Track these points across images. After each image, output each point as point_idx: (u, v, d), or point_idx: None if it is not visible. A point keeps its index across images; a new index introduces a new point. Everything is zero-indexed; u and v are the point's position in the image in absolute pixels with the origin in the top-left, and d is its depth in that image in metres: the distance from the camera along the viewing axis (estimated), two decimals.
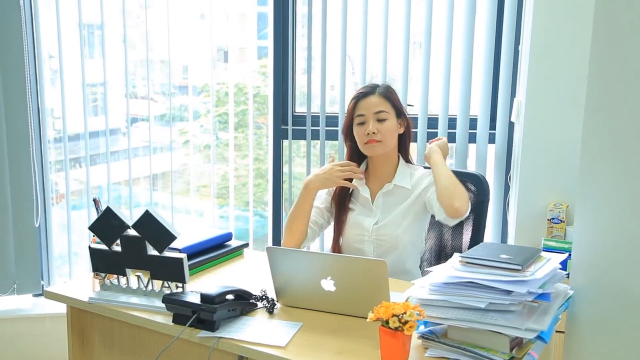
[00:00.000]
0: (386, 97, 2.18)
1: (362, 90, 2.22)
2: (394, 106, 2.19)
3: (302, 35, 3.20)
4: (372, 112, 2.16)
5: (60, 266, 3.42)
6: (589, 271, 1.63)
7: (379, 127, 2.15)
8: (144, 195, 3.51)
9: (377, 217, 2.21)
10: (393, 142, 2.20)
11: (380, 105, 2.17)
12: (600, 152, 1.56)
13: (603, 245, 1.57)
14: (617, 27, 1.49)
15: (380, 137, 2.16)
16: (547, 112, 2.71)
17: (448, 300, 1.55)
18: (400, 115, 2.21)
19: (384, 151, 2.19)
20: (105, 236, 1.86)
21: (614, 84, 1.50)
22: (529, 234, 2.77)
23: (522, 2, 2.84)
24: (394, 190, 2.21)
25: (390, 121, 2.17)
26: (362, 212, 2.24)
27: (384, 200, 2.22)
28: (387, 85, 2.24)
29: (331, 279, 1.75)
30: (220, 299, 1.70)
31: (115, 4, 3.23)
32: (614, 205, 1.53)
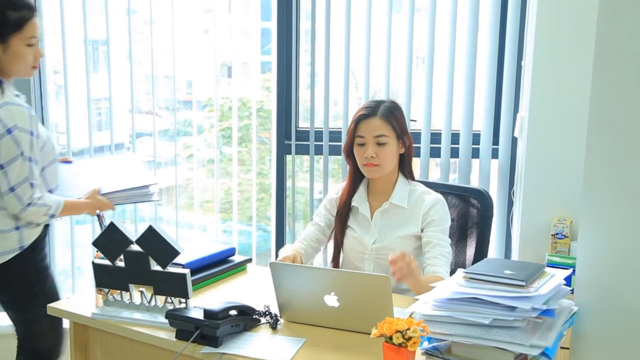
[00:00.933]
0: (387, 120, 2.14)
1: (363, 110, 2.17)
2: (395, 128, 2.15)
3: (305, 50, 3.21)
4: (372, 135, 2.13)
5: (63, 281, 3.42)
6: (593, 287, 1.62)
7: (377, 151, 2.13)
8: (148, 209, 3.52)
9: (375, 235, 2.20)
10: (391, 165, 2.17)
11: (381, 129, 2.13)
12: (604, 167, 1.56)
13: (607, 260, 1.57)
14: (620, 43, 1.49)
15: (378, 162, 2.14)
16: (550, 128, 2.71)
17: (452, 316, 1.54)
18: (402, 135, 2.18)
19: (382, 174, 2.18)
20: (108, 251, 1.86)
21: (617, 99, 1.51)
22: (533, 249, 2.76)
23: (525, 17, 2.85)
24: (391, 208, 2.19)
25: (389, 145, 2.14)
26: (362, 229, 2.23)
27: (382, 219, 2.21)
28: (390, 106, 2.18)
29: (335, 294, 1.74)
30: (223, 314, 1.70)
31: (121, 20, 3.26)
32: (618, 220, 1.53)
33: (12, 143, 2.07)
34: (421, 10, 3.05)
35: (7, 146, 2.08)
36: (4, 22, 2.03)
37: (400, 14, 3.06)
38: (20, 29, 2.05)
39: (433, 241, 2.11)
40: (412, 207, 2.18)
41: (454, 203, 2.36)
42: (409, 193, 2.20)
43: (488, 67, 2.97)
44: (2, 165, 2.08)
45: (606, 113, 1.55)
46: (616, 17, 1.50)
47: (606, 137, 1.55)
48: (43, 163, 2.22)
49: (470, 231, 2.32)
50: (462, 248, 2.33)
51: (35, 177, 2.15)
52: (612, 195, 1.54)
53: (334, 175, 3.33)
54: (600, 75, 1.56)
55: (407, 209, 2.17)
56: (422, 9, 3.04)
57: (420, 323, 1.49)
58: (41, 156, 2.20)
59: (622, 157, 1.50)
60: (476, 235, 2.30)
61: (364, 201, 2.24)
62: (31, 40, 2.08)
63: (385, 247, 2.16)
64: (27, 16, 2.04)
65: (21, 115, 2.10)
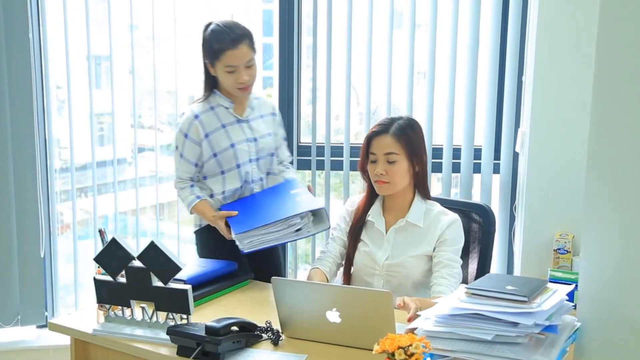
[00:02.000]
0: (399, 138, 2.13)
1: (375, 128, 2.18)
2: (407, 147, 2.14)
3: (307, 65, 3.23)
4: (382, 152, 2.14)
5: (64, 297, 3.41)
6: (596, 302, 1.62)
7: (387, 168, 2.13)
8: (150, 224, 3.52)
9: (388, 252, 2.19)
10: (403, 183, 2.17)
11: (392, 146, 2.13)
12: (605, 182, 1.56)
13: (610, 275, 1.56)
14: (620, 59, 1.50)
15: (387, 179, 2.14)
16: (551, 142, 2.71)
17: (454, 332, 1.53)
18: (416, 154, 2.16)
19: (393, 191, 2.18)
20: (110, 267, 1.86)
21: (618, 115, 1.51)
22: (535, 264, 2.76)
23: (525, 33, 2.87)
24: (407, 226, 2.19)
25: (400, 163, 2.13)
26: (375, 245, 2.22)
27: (396, 236, 2.20)
28: (403, 124, 2.17)
29: (336, 310, 1.74)
30: (224, 330, 1.69)
31: (123, 35, 3.28)
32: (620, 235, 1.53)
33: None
34: (422, 26, 3.07)
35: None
36: (209, 51, 2.41)
37: (401, 30, 3.08)
38: (218, 58, 2.38)
39: (443, 261, 2.11)
40: (428, 227, 2.17)
41: None
42: (425, 212, 2.19)
43: (489, 83, 2.98)
44: (215, 154, 2.46)
45: (607, 128, 1.55)
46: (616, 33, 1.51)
47: (607, 151, 1.55)
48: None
49: (473, 247, 2.32)
50: (465, 264, 2.33)
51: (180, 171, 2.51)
52: (614, 210, 1.54)
53: (336, 190, 3.33)
54: (601, 90, 1.57)
55: (422, 228, 2.17)
56: (423, 25, 3.06)
57: (422, 339, 1.49)
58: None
59: (623, 171, 1.50)
60: (478, 250, 2.30)
61: (379, 216, 2.23)
62: (228, 68, 2.38)
63: (397, 264, 2.16)
64: (225, 48, 2.35)
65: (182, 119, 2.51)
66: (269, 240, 2.21)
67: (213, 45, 2.38)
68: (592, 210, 1.62)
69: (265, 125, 2.55)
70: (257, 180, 2.52)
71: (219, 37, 2.37)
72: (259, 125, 2.53)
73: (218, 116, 2.48)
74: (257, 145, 2.50)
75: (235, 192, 2.50)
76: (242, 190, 2.51)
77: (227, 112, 2.49)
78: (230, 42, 2.35)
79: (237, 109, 2.51)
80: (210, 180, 2.51)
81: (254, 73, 2.44)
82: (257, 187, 2.52)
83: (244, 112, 2.52)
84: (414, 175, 2.19)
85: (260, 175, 2.53)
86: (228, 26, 2.39)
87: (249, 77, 2.41)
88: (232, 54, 2.36)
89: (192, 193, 2.49)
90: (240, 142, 2.47)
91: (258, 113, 2.55)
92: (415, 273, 2.15)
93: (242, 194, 2.51)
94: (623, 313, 1.50)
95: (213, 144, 2.45)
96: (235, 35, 2.36)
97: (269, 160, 2.55)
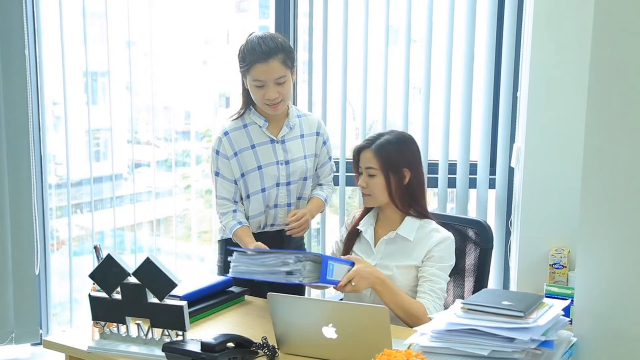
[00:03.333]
0: (377, 153, 2.15)
1: (362, 142, 2.21)
2: (384, 162, 2.14)
3: (303, 81, 3.24)
4: (364, 166, 2.18)
5: (60, 314, 3.40)
6: (592, 317, 1.62)
7: (368, 181, 2.17)
8: (146, 240, 3.51)
9: (375, 261, 2.20)
10: (383, 196, 2.17)
11: (370, 161, 2.16)
12: (600, 197, 1.57)
13: (606, 290, 1.56)
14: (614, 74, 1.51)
15: (368, 192, 2.18)
16: (546, 157, 2.72)
17: (450, 348, 1.53)
18: (397, 169, 2.15)
19: (375, 204, 2.21)
20: (105, 284, 1.86)
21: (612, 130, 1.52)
22: (531, 279, 2.76)
23: (520, 48, 2.89)
24: (396, 239, 2.19)
25: (377, 178, 2.15)
26: (364, 254, 2.24)
27: (386, 247, 2.21)
28: (385, 139, 2.17)
29: (333, 326, 1.73)
30: (220, 347, 1.68)
31: (120, 51, 3.29)
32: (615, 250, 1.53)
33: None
34: (417, 42, 3.09)
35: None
36: (241, 62, 2.31)
37: (397, 45, 3.10)
38: (248, 71, 2.28)
39: (426, 276, 2.11)
40: (418, 242, 2.17)
41: (453, 234, 2.35)
42: (418, 227, 2.19)
43: (484, 98, 3.00)
44: (242, 174, 2.40)
45: (602, 143, 1.56)
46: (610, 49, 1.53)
47: (602, 166, 1.56)
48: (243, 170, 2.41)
49: (469, 263, 2.32)
50: (461, 279, 2.33)
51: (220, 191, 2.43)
52: (609, 225, 1.54)
53: (332, 205, 3.33)
54: (595, 105, 1.58)
55: (412, 242, 2.17)
56: (419, 40, 3.08)
57: (418, 355, 1.48)
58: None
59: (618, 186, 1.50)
60: (476, 266, 2.30)
61: (370, 227, 2.25)
62: (256, 82, 2.28)
63: (387, 272, 2.16)
64: (255, 60, 2.25)
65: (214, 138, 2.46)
66: (257, 272, 2.02)
67: (245, 57, 2.28)
68: (588, 225, 1.62)
69: (304, 146, 2.44)
70: (284, 206, 2.43)
71: (251, 49, 2.27)
72: (295, 146, 2.42)
73: (249, 135, 2.39)
74: (288, 168, 2.40)
75: (259, 216, 2.42)
76: (266, 214, 2.43)
77: (261, 131, 2.39)
78: (261, 54, 2.24)
79: (272, 128, 2.40)
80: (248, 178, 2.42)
81: (285, 91, 2.30)
82: (283, 212, 2.43)
83: (279, 132, 2.40)
84: (398, 189, 2.18)
85: (289, 201, 2.43)
86: (264, 38, 2.28)
87: (278, 95, 2.29)
88: (261, 68, 2.25)
89: (234, 218, 2.39)
90: (268, 165, 2.37)
91: (297, 132, 2.44)
92: (403, 283, 2.15)
93: (267, 219, 2.43)
94: (619, 328, 1.50)
95: (241, 163, 2.38)
96: (267, 49, 2.25)
97: (301, 184, 2.44)
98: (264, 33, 2.32)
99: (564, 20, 2.64)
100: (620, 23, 1.49)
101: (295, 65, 2.37)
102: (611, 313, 1.54)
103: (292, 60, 2.32)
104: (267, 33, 2.32)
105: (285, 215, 2.42)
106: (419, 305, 2.05)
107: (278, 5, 3.17)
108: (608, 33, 1.53)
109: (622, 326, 1.50)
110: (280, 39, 2.30)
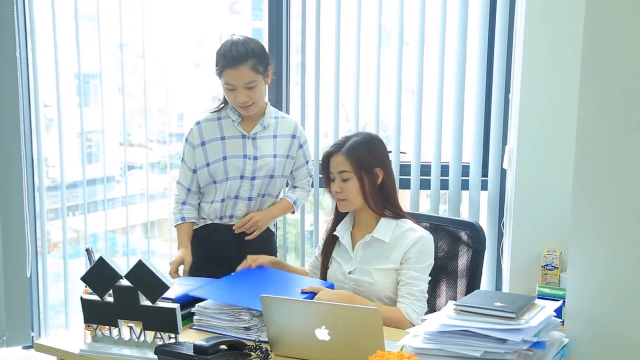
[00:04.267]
0: (349, 156, 2.14)
1: (330, 147, 2.21)
2: (357, 164, 2.14)
3: (296, 82, 3.25)
4: (336, 171, 2.17)
5: (54, 316, 3.38)
6: (583, 318, 1.62)
7: (342, 186, 2.16)
8: (139, 242, 3.51)
9: (354, 265, 2.21)
10: (359, 199, 2.17)
11: (342, 165, 2.15)
12: (592, 198, 1.58)
13: (597, 291, 1.57)
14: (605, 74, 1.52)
15: (343, 196, 2.17)
16: (538, 159, 2.73)
17: (443, 349, 1.53)
18: (369, 169, 2.15)
19: (351, 208, 2.20)
20: (97, 287, 1.85)
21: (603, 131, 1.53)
22: (524, 281, 2.76)
23: (512, 51, 2.90)
24: (372, 242, 2.19)
25: (352, 180, 2.15)
26: (343, 259, 2.25)
27: (364, 251, 2.21)
28: (355, 141, 2.17)
29: (325, 328, 1.74)
30: (213, 349, 1.68)
31: (113, 53, 3.29)
32: (606, 251, 1.54)
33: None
34: (410, 44, 3.10)
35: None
36: (215, 64, 2.40)
37: (389, 47, 3.10)
38: (220, 74, 2.38)
39: (404, 279, 2.12)
40: (394, 243, 2.17)
41: (446, 236, 2.36)
42: (394, 228, 2.19)
43: (476, 100, 3.01)
44: (208, 164, 2.50)
45: (593, 145, 1.57)
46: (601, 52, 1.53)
47: (593, 168, 1.56)
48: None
49: (462, 264, 2.32)
50: (453, 281, 2.33)
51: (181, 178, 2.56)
52: (600, 226, 1.55)
53: (325, 207, 3.34)
54: (587, 107, 1.58)
55: (388, 243, 2.17)
56: (411, 42, 3.09)
57: (411, 356, 1.49)
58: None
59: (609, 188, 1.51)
60: (468, 268, 2.30)
61: (346, 232, 2.25)
62: (227, 86, 2.38)
63: (363, 277, 2.18)
64: (225, 65, 2.35)
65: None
66: (219, 327, 1.95)
67: (218, 61, 2.38)
68: (579, 227, 1.63)
69: (275, 145, 2.52)
70: (245, 199, 2.51)
71: (223, 54, 2.36)
72: (265, 144, 2.50)
73: (221, 127, 2.49)
74: (255, 163, 2.48)
75: (217, 204, 2.50)
76: (225, 204, 2.50)
77: (233, 125, 2.49)
78: (231, 60, 2.34)
79: (245, 124, 2.50)
80: (205, 189, 2.53)
81: (256, 95, 2.40)
82: (243, 205, 2.51)
83: (252, 129, 2.50)
84: (372, 190, 2.17)
85: (251, 195, 2.51)
86: (236, 43, 2.36)
87: (248, 99, 2.38)
88: (231, 73, 2.35)
89: (180, 211, 2.53)
90: (234, 157, 2.47)
91: (271, 132, 2.52)
92: (383, 287, 2.15)
93: (226, 208, 2.51)
94: (611, 328, 1.51)
95: (207, 153, 2.47)
96: (237, 54, 2.33)
97: (267, 181, 2.51)
98: (239, 37, 2.39)
99: (555, 22, 2.65)
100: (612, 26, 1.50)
101: (270, 69, 2.43)
102: (603, 314, 1.55)
103: (265, 65, 2.39)
104: (242, 38, 2.39)
105: (244, 208, 2.52)
106: (395, 311, 2.07)
107: (271, 8, 3.17)
108: (599, 35, 1.54)
109: (613, 327, 1.50)
110: (253, 44, 2.38)
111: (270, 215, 2.57)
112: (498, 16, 2.93)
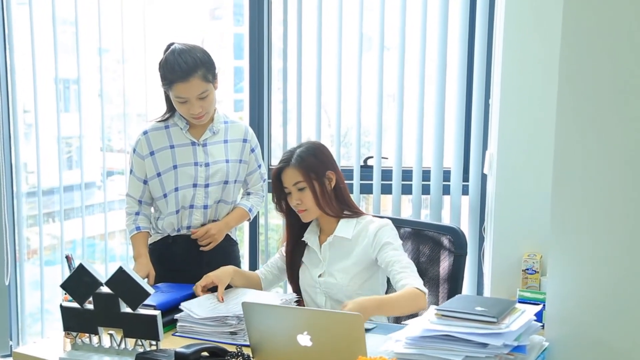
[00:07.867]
0: (299, 166, 2.17)
1: (278, 164, 2.21)
2: (308, 172, 2.17)
3: (277, 88, 3.24)
4: (290, 184, 2.18)
5: (31, 325, 3.34)
6: (564, 322, 1.64)
7: (300, 197, 2.18)
8: (119, 249, 3.48)
9: (323, 268, 2.23)
10: (319, 206, 2.19)
11: (295, 176, 2.17)
12: (570, 203, 1.59)
13: (577, 295, 1.59)
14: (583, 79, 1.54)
15: (304, 207, 2.19)
16: (518, 164, 2.75)
17: (424, 354, 1.54)
18: (321, 175, 2.19)
19: (314, 216, 2.22)
20: (77, 294, 1.83)
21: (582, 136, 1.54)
22: (505, 285, 2.78)
23: (491, 56, 2.92)
24: (335, 241, 2.22)
25: (307, 189, 2.17)
26: (312, 264, 2.27)
27: (330, 252, 2.24)
28: (301, 151, 2.20)
29: (307, 333, 1.73)
30: (194, 356, 1.67)
31: (92, 58, 3.26)
32: (586, 255, 1.55)
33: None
34: (391, 49, 3.11)
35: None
36: (162, 78, 2.34)
37: (371, 52, 3.11)
38: (170, 88, 2.33)
39: (391, 260, 2.12)
40: (356, 237, 2.20)
41: (428, 241, 2.37)
42: (355, 225, 2.23)
43: (457, 105, 3.03)
44: (158, 174, 2.45)
45: (572, 149, 1.58)
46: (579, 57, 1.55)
47: (572, 172, 1.58)
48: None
49: (444, 269, 2.33)
50: (435, 286, 2.34)
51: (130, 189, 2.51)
52: (580, 231, 1.57)
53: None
54: (565, 112, 1.60)
55: (350, 240, 2.20)
56: (392, 48, 3.10)
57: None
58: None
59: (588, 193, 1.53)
60: (450, 273, 2.31)
61: (314, 236, 2.28)
62: (179, 99, 2.33)
63: (330, 279, 2.20)
64: (175, 80, 2.29)
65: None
66: (203, 332, 1.97)
67: (165, 75, 2.31)
68: (558, 231, 1.64)
69: (226, 150, 2.47)
70: (200, 207, 2.44)
71: (170, 68, 2.29)
72: (217, 150, 2.45)
73: (169, 136, 2.43)
74: (208, 170, 2.42)
75: (172, 216, 2.44)
76: (180, 215, 2.44)
77: (182, 133, 2.44)
78: (180, 74, 2.27)
79: (193, 131, 2.45)
80: (157, 203, 2.48)
81: (208, 104, 2.35)
82: (199, 214, 2.45)
83: (201, 136, 2.44)
84: (327, 195, 2.20)
85: (206, 203, 2.44)
86: (182, 54, 2.29)
87: (202, 109, 2.34)
88: (182, 87, 2.29)
89: (134, 222, 2.46)
90: (185, 165, 2.41)
91: (221, 137, 2.48)
92: (351, 287, 2.17)
93: (182, 220, 2.45)
94: (590, 332, 1.52)
95: (157, 162, 2.42)
96: (186, 67, 2.27)
97: (221, 187, 2.46)
98: (182, 47, 2.33)
99: (534, 28, 2.68)
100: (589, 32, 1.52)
101: (217, 74, 2.38)
102: (582, 318, 1.56)
103: (213, 72, 2.35)
104: (185, 47, 2.33)
105: (201, 217, 2.46)
106: (408, 290, 2.03)
107: (252, 13, 3.17)
108: (576, 40, 1.56)
109: (593, 330, 1.52)
110: (199, 54, 2.33)
111: (227, 226, 2.51)
112: (478, 22, 2.96)
